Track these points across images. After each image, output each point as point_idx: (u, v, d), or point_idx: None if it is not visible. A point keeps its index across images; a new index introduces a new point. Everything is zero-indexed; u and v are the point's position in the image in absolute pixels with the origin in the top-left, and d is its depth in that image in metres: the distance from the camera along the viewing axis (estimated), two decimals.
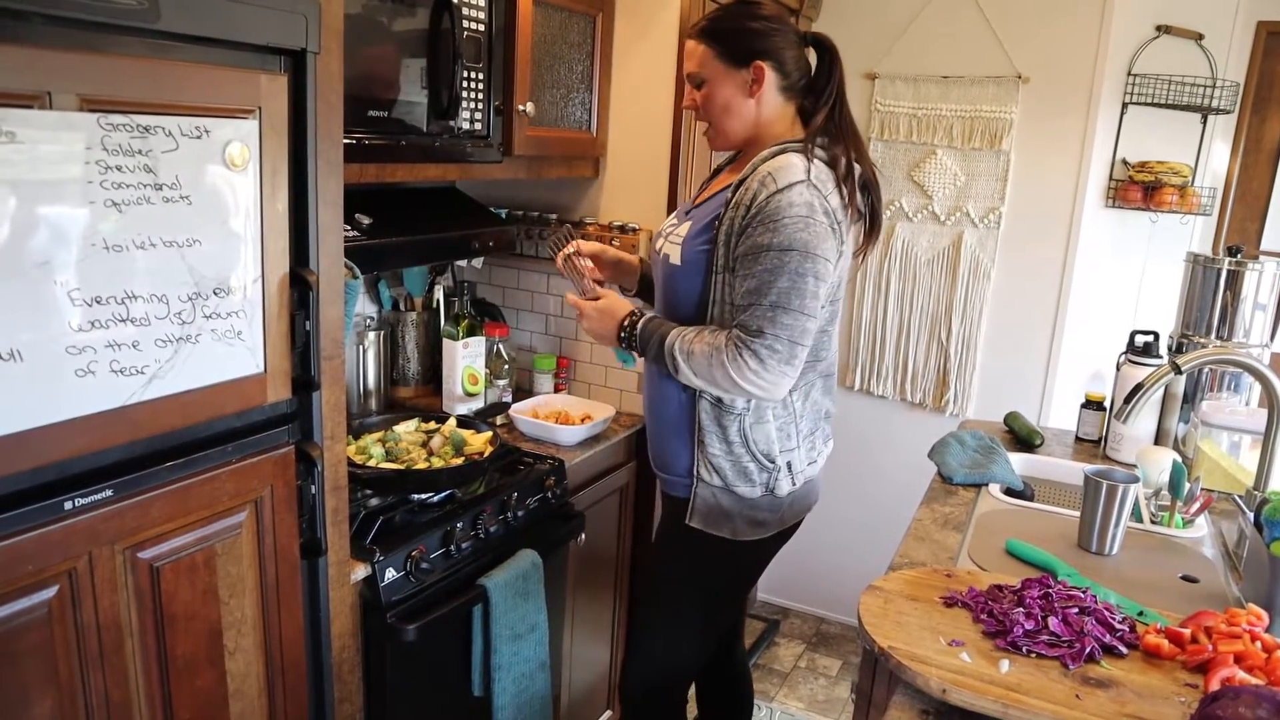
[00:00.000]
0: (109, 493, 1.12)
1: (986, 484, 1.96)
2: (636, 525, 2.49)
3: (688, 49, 1.70)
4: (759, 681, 2.98)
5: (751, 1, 1.69)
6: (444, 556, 1.74)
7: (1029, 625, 1.24)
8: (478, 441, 1.96)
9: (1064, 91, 2.72)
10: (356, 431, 1.92)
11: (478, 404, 2.36)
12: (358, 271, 1.61)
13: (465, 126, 1.91)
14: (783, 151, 1.62)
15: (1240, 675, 1.12)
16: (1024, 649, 1.20)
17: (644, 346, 1.70)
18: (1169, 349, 2.31)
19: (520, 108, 2.04)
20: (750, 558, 1.83)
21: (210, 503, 1.25)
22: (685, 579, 1.83)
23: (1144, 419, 2.17)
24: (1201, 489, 1.82)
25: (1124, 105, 2.74)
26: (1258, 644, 1.18)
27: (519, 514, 1.93)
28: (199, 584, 1.25)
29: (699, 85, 1.70)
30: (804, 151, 1.62)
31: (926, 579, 1.40)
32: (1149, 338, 2.21)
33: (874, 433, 3.15)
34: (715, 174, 1.89)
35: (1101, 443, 2.28)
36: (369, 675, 1.63)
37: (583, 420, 2.30)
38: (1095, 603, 1.29)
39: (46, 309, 1.02)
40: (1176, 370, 1.69)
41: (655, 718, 1.95)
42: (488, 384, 2.40)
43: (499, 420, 2.31)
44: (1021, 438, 2.28)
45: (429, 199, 2.25)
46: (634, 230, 2.37)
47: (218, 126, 1.17)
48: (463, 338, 2.31)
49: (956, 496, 1.91)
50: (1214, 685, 1.11)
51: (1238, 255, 2.19)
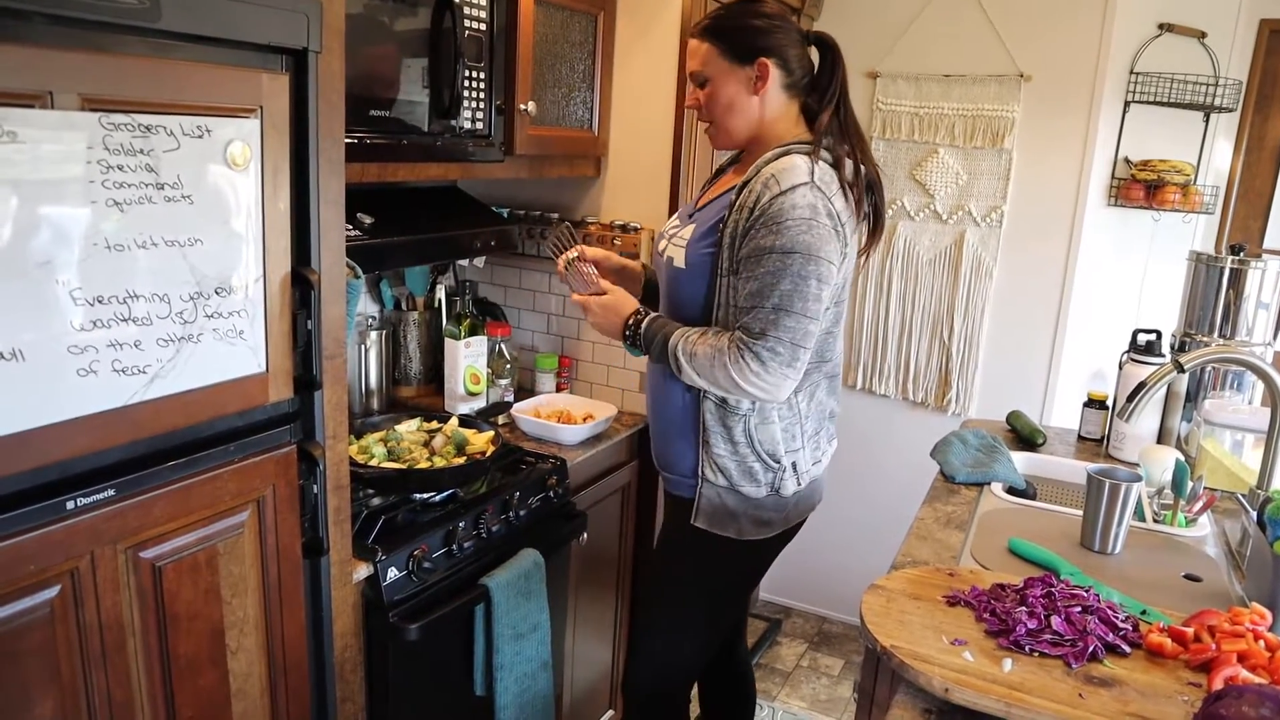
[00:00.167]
0: (111, 492, 1.12)
1: (989, 483, 1.95)
2: (639, 525, 2.49)
3: (690, 48, 1.69)
4: (761, 681, 2.98)
5: None
6: (446, 556, 1.74)
7: (1032, 624, 1.23)
8: (480, 441, 1.96)
9: (1066, 90, 2.72)
10: (358, 431, 1.92)
11: (480, 403, 2.36)
12: (359, 271, 1.61)
13: (467, 126, 1.91)
14: (786, 153, 1.61)
15: (1243, 674, 1.12)
16: (1027, 648, 1.20)
17: (648, 346, 1.69)
18: (1171, 347, 2.31)
19: (522, 107, 2.04)
20: (755, 557, 1.83)
21: (212, 502, 1.25)
22: (689, 579, 1.83)
23: (1147, 418, 2.17)
24: (1204, 488, 1.81)
25: (1126, 104, 2.73)
26: (1261, 643, 1.17)
27: (521, 513, 1.93)
28: (201, 583, 1.25)
29: (702, 84, 1.69)
30: (810, 153, 1.61)
31: (929, 578, 1.40)
32: (1151, 336, 2.21)
33: (876, 432, 3.15)
34: (718, 175, 1.89)
35: (1104, 441, 2.28)
36: (371, 675, 1.63)
37: (585, 419, 2.30)
38: (1098, 602, 1.29)
39: (48, 309, 1.02)
40: (1179, 369, 1.68)
41: (659, 718, 1.95)
42: (490, 383, 2.40)
43: (501, 420, 2.31)
44: (1024, 436, 2.28)
45: (431, 198, 2.25)
46: (636, 230, 2.37)
47: (219, 126, 1.17)
48: (464, 337, 2.31)
49: (959, 495, 1.91)
50: (1217, 684, 1.11)
51: (1240, 254, 2.19)
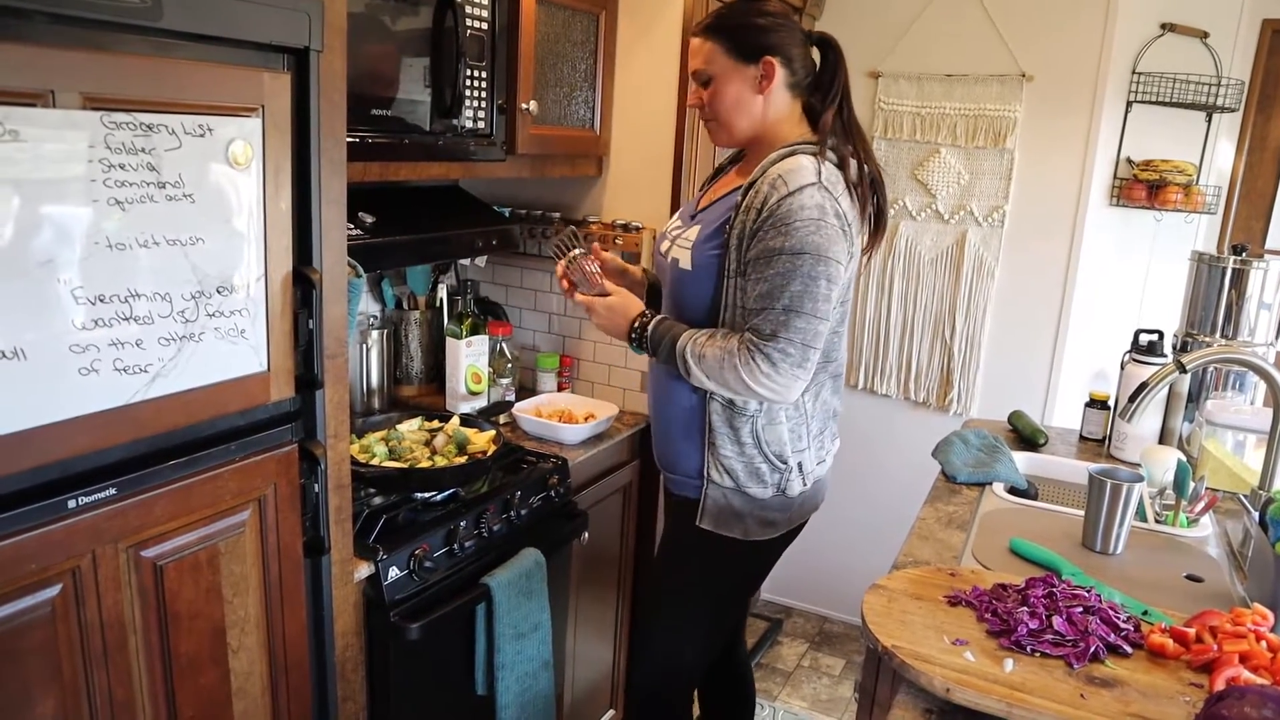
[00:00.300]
0: (112, 491, 1.12)
1: (990, 483, 1.95)
2: (640, 524, 2.49)
3: (693, 46, 1.68)
4: (762, 681, 2.98)
5: None
6: (447, 555, 1.74)
7: (1033, 624, 1.23)
8: (481, 440, 1.96)
9: (1068, 90, 2.72)
10: (360, 430, 1.92)
11: (481, 403, 2.36)
12: (361, 270, 1.61)
13: (468, 125, 1.91)
14: (792, 153, 1.61)
15: (1245, 675, 1.12)
16: (1028, 648, 1.20)
17: (654, 348, 1.68)
18: (1174, 348, 2.30)
19: (523, 106, 2.04)
20: (760, 558, 1.83)
21: (213, 501, 1.25)
22: (694, 580, 1.83)
23: (1148, 418, 2.17)
24: (1206, 488, 1.81)
25: (1128, 103, 2.73)
26: (1263, 644, 1.17)
27: (522, 513, 1.92)
28: (202, 583, 1.25)
29: (706, 82, 1.68)
30: (816, 153, 1.61)
31: (930, 578, 1.40)
32: (1153, 336, 2.21)
33: (878, 432, 3.15)
34: (717, 174, 1.88)
35: (1106, 442, 2.27)
36: (372, 674, 1.63)
37: (586, 419, 2.30)
38: (1100, 602, 1.29)
39: (50, 308, 1.02)
40: (1181, 369, 1.68)
41: (662, 719, 1.95)
42: (491, 383, 2.40)
43: (502, 419, 2.31)
44: (1025, 437, 2.28)
45: (432, 197, 2.24)
46: (637, 229, 2.37)
47: (221, 125, 1.17)
48: (466, 336, 2.31)
49: (960, 495, 1.91)
50: (1219, 685, 1.11)
51: (1243, 254, 2.19)
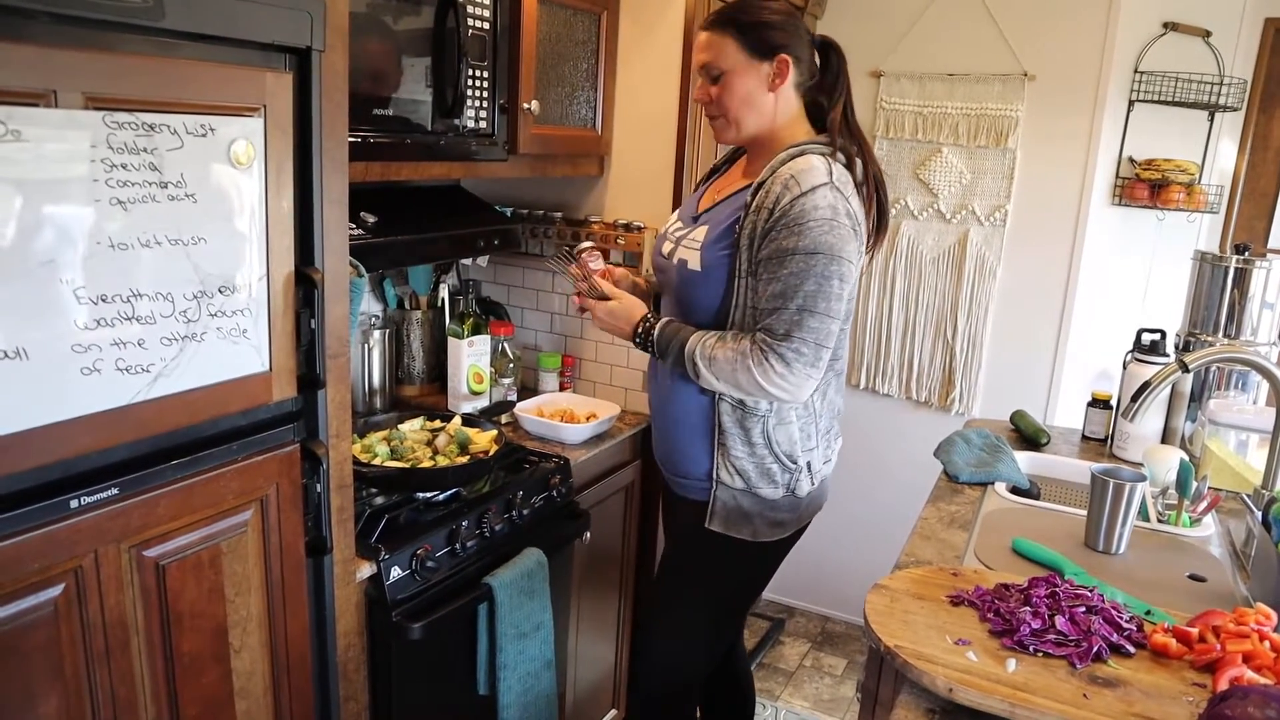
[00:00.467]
0: (114, 491, 1.12)
1: (993, 482, 1.95)
2: (642, 523, 2.49)
3: (705, 40, 1.65)
4: (764, 680, 2.98)
5: None
6: (449, 555, 1.74)
7: (1036, 624, 1.23)
8: (483, 440, 1.96)
9: (1070, 89, 2.72)
10: (362, 430, 1.92)
11: (483, 402, 2.36)
12: (363, 270, 1.61)
13: (470, 125, 1.91)
14: (802, 153, 1.61)
15: (1249, 675, 1.12)
16: (1031, 648, 1.20)
17: (662, 351, 1.67)
18: (1176, 347, 2.30)
19: (525, 106, 2.04)
20: (769, 558, 1.82)
21: (216, 501, 1.25)
22: (702, 582, 1.82)
23: (1151, 418, 2.17)
24: (1209, 488, 1.81)
25: (1130, 103, 2.73)
26: (1266, 643, 1.17)
27: (524, 512, 1.92)
28: (204, 582, 1.25)
29: (716, 78, 1.65)
30: (828, 153, 1.61)
31: (933, 578, 1.40)
32: (1156, 336, 2.21)
33: (880, 431, 3.15)
34: (712, 174, 1.88)
35: (1108, 441, 2.27)
36: (374, 673, 1.63)
37: (588, 418, 2.29)
38: (1102, 602, 1.29)
39: (52, 307, 1.02)
40: (1184, 368, 1.68)
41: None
42: (493, 382, 2.40)
43: (504, 419, 2.31)
44: (1028, 436, 2.27)
45: (434, 197, 2.24)
46: (639, 229, 2.37)
47: (223, 124, 1.17)
48: (468, 336, 2.31)
49: (962, 495, 1.91)
50: (1222, 685, 1.10)
51: (1245, 253, 2.19)
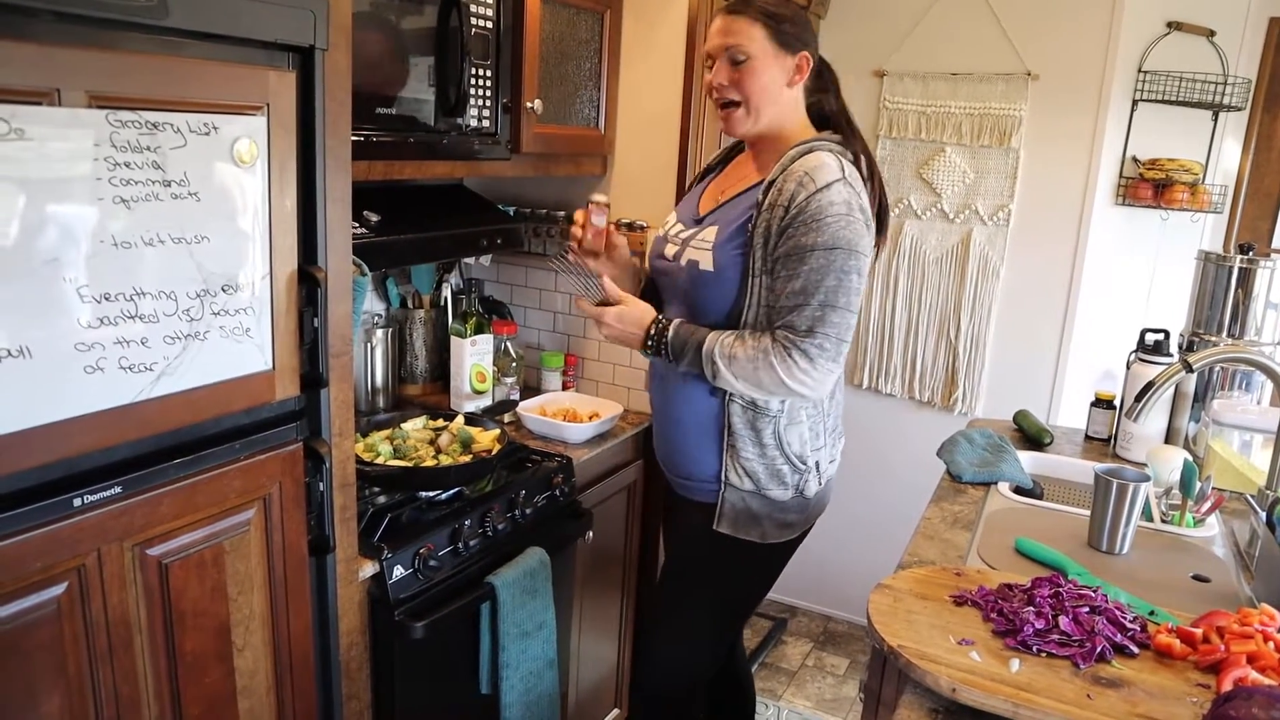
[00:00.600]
0: (117, 490, 1.13)
1: (996, 482, 1.95)
2: (644, 523, 2.49)
3: (730, 24, 1.61)
4: (766, 680, 2.98)
5: None
6: (452, 554, 1.74)
7: (1039, 624, 1.23)
8: (485, 439, 1.96)
9: (1074, 88, 2.71)
10: (364, 429, 1.92)
11: (485, 401, 2.36)
12: (366, 269, 1.61)
13: (473, 124, 1.91)
14: (811, 150, 1.61)
15: (1253, 676, 1.11)
16: (1034, 648, 1.20)
17: (677, 353, 1.65)
18: (1180, 347, 2.30)
19: (528, 105, 2.04)
20: (776, 559, 1.82)
21: (219, 500, 1.25)
22: (710, 584, 1.82)
23: (1155, 418, 2.16)
24: (1213, 488, 1.80)
25: (1134, 102, 2.72)
26: (1270, 644, 1.17)
27: (527, 512, 1.92)
28: (207, 581, 1.25)
29: (739, 61, 1.61)
30: (838, 151, 1.62)
31: (936, 577, 1.40)
32: (1160, 336, 2.20)
33: (882, 431, 3.15)
34: (706, 174, 1.88)
35: (1111, 441, 2.27)
36: (377, 672, 1.63)
37: (590, 418, 2.29)
38: (1106, 602, 1.28)
39: (55, 306, 1.02)
40: (1188, 368, 1.67)
41: None
42: (495, 381, 2.40)
43: (507, 418, 2.31)
44: (1031, 436, 2.27)
45: (437, 196, 2.24)
46: (642, 228, 2.37)
47: (226, 123, 1.17)
48: (470, 335, 2.31)
49: (966, 495, 1.90)
50: (1227, 686, 1.10)
51: (1249, 253, 2.18)
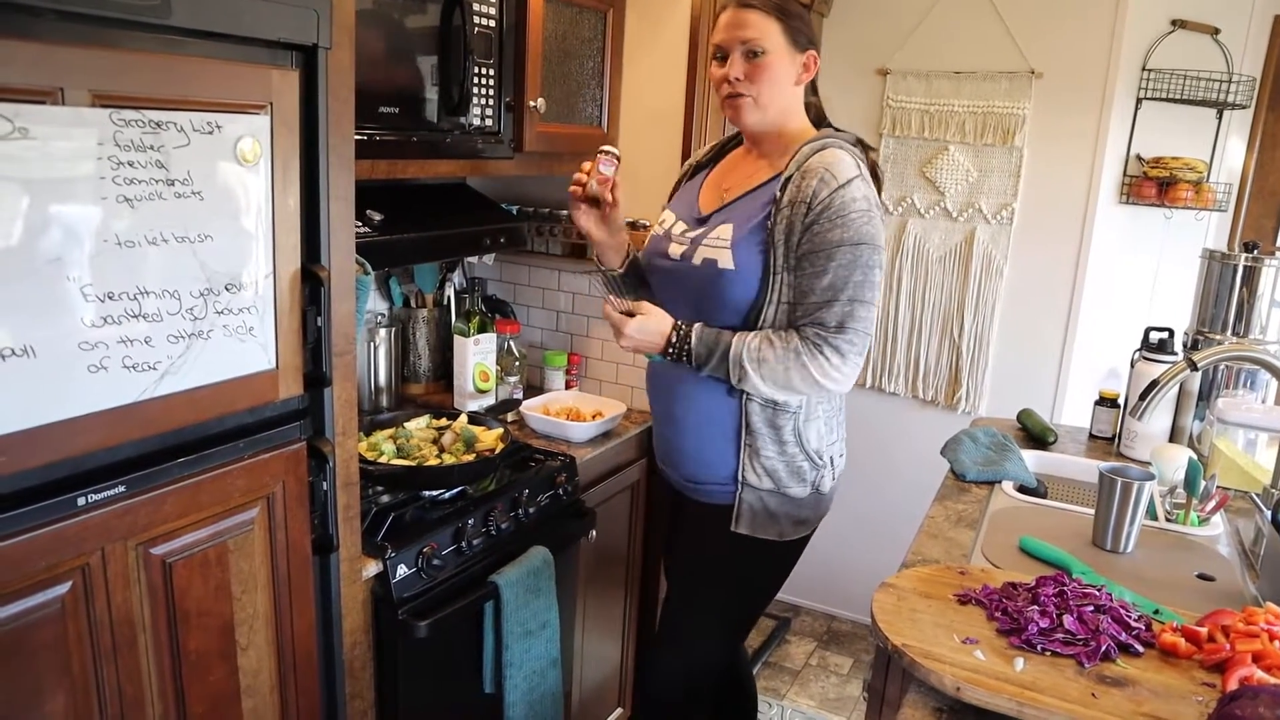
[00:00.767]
0: (121, 489, 1.13)
1: (1000, 481, 1.94)
2: (648, 522, 2.49)
3: (746, 18, 1.61)
4: (770, 679, 2.98)
5: None
6: (455, 553, 1.74)
7: (1044, 623, 1.23)
8: (489, 438, 1.96)
9: (1078, 87, 2.71)
10: (368, 428, 1.92)
11: (489, 400, 2.36)
12: (369, 267, 1.61)
13: (476, 123, 1.91)
14: (824, 146, 1.61)
15: (1258, 674, 1.11)
16: (1039, 647, 1.19)
17: (702, 359, 1.63)
18: (1184, 346, 2.29)
19: (531, 104, 2.04)
20: (790, 557, 1.82)
21: (222, 499, 1.25)
22: (725, 585, 1.81)
23: (1159, 416, 2.16)
24: (1217, 487, 1.80)
25: (1138, 100, 2.72)
26: (1276, 643, 1.16)
27: (530, 511, 1.92)
28: (211, 580, 1.25)
29: (755, 55, 1.61)
30: (851, 147, 1.63)
31: (940, 576, 1.39)
32: (1164, 334, 2.20)
33: (886, 430, 3.14)
34: (696, 171, 1.87)
35: (1116, 440, 2.26)
36: (380, 671, 1.63)
37: (594, 417, 2.29)
38: (1111, 601, 1.28)
39: (59, 305, 1.02)
40: (1192, 367, 1.67)
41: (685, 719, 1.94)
42: (498, 381, 2.40)
43: (510, 417, 2.31)
44: (1035, 435, 2.27)
45: (440, 195, 2.24)
46: (645, 227, 2.36)
47: (229, 122, 1.17)
48: (474, 334, 2.31)
49: (969, 494, 1.90)
50: (1232, 684, 1.10)
51: (1254, 251, 2.18)
